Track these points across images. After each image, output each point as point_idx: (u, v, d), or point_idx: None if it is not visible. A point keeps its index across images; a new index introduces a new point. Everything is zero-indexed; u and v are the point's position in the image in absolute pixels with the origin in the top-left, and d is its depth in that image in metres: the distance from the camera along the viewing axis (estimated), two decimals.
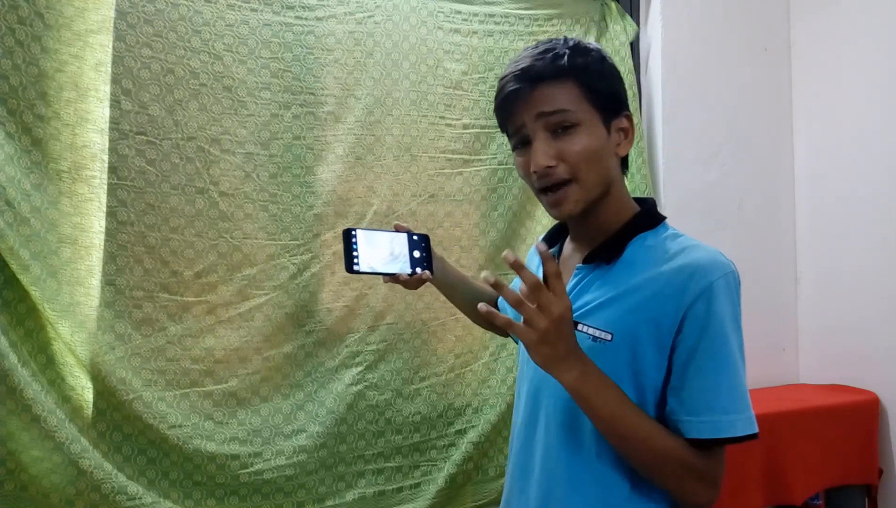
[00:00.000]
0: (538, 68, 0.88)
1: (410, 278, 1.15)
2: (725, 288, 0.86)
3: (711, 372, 0.84)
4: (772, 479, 1.80)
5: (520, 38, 1.89)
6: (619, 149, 0.93)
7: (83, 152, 1.42)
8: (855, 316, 2.10)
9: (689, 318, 0.84)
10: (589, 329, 0.89)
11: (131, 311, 1.46)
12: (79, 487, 1.33)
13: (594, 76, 0.89)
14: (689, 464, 0.84)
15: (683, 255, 0.88)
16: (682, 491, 0.86)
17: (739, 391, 0.86)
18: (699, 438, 0.84)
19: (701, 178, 2.16)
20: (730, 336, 0.86)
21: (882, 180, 2.02)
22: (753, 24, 2.25)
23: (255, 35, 1.59)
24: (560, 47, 0.90)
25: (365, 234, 1.13)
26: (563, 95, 0.88)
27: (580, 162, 0.88)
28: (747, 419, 0.85)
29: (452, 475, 1.72)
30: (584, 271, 0.95)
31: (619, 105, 0.93)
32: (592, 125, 0.89)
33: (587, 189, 0.90)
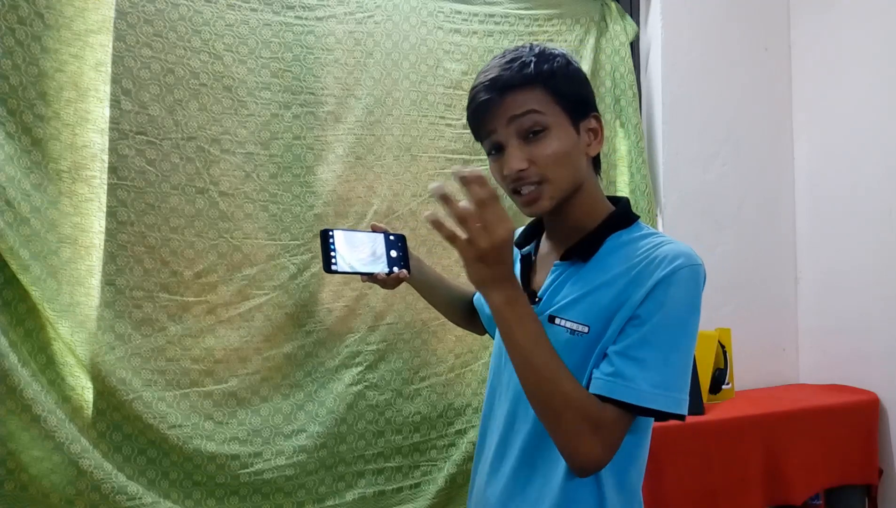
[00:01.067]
0: (506, 77, 0.92)
1: (388, 278, 1.17)
2: (689, 277, 0.88)
3: (651, 346, 0.86)
4: (772, 479, 1.80)
5: (520, 38, 1.89)
6: (590, 149, 0.96)
7: (83, 152, 1.42)
8: (855, 316, 2.10)
9: (649, 297, 0.87)
10: (566, 323, 0.92)
11: (131, 311, 1.46)
12: (79, 487, 1.33)
13: (561, 81, 0.92)
14: (590, 415, 0.84)
15: (654, 248, 0.91)
16: (575, 443, 0.84)
17: (674, 370, 0.86)
18: (609, 396, 0.85)
19: (701, 178, 2.16)
20: (682, 321, 0.87)
21: (882, 180, 2.02)
22: (753, 24, 2.25)
23: (255, 35, 1.59)
24: (526, 55, 0.93)
25: (342, 234, 1.15)
26: (532, 100, 0.91)
27: (550, 164, 0.91)
28: (673, 399, 0.85)
29: (452, 475, 1.72)
30: (561, 267, 0.98)
31: (586, 107, 0.96)
32: (562, 128, 0.92)
33: (559, 188, 0.93)
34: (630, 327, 0.87)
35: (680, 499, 1.67)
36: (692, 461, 1.70)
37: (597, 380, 0.87)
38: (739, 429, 1.79)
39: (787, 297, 2.29)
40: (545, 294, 0.97)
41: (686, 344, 0.88)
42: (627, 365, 0.85)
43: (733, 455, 1.76)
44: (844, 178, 2.14)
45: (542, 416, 0.87)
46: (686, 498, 1.68)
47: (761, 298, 2.24)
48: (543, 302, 0.97)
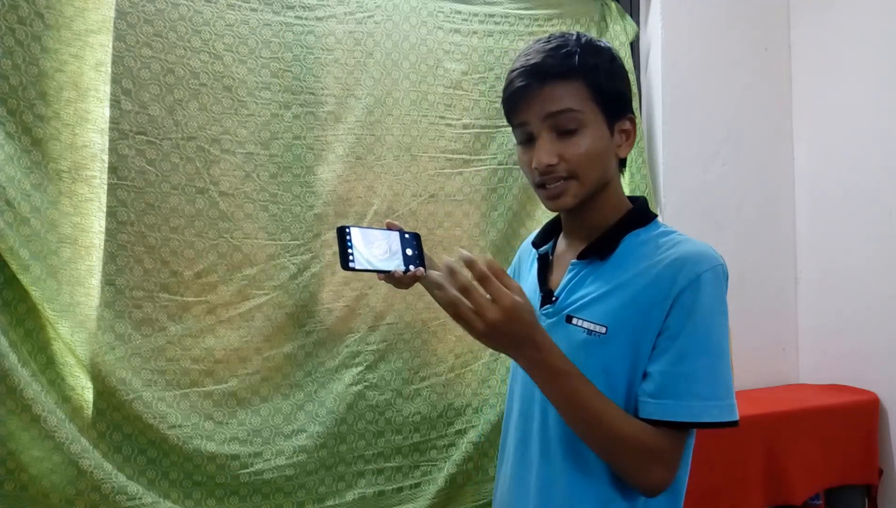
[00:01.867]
0: (548, 66, 0.88)
1: (404, 276, 1.16)
2: (713, 280, 0.86)
3: (690, 358, 0.85)
4: (772, 479, 1.80)
5: (520, 38, 1.89)
6: (620, 150, 0.94)
7: (83, 152, 1.42)
8: (855, 316, 2.10)
9: (676, 306, 0.85)
10: (584, 323, 0.91)
11: (131, 311, 1.46)
12: (79, 487, 1.33)
13: (603, 77, 0.90)
14: (646, 446, 0.84)
15: (674, 249, 0.89)
16: (637, 477, 0.86)
17: (719, 378, 0.85)
18: (661, 419, 0.84)
19: (701, 178, 2.16)
20: (714, 326, 0.86)
21: (882, 180, 2.02)
22: (753, 24, 2.25)
23: (256, 35, 1.59)
24: (572, 45, 0.89)
25: (359, 231, 1.13)
26: (571, 94, 0.88)
27: (582, 162, 0.90)
28: (724, 407, 0.85)
29: (452, 475, 1.72)
30: (579, 266, 0.96)
31: (623, 107, 0.94)
32: (596, 126, 0.90)
33: (586, 186, 0.91)
34: (663, 341, 0.86)
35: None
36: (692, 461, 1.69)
37: (645, 404, 0.86)
38: (739, 429, 1.77)
39: (787, 297, 2.29)
40: (562, 293, 0.96)
41: (722, 348, 0.87)
42: (672, 383, 0.84)
43: (733, 455, 1.76)
44: (844, 178, 2.14)
45: (600, 455, 0.87)
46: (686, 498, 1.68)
47: (761, 298, 2.24)
48: (560, 301, 0.95)
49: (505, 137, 1.86)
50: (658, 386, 0.85)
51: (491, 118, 1.85)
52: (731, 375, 0.88)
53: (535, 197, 1.88)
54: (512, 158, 1.87)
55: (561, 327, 0.94)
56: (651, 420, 0.85)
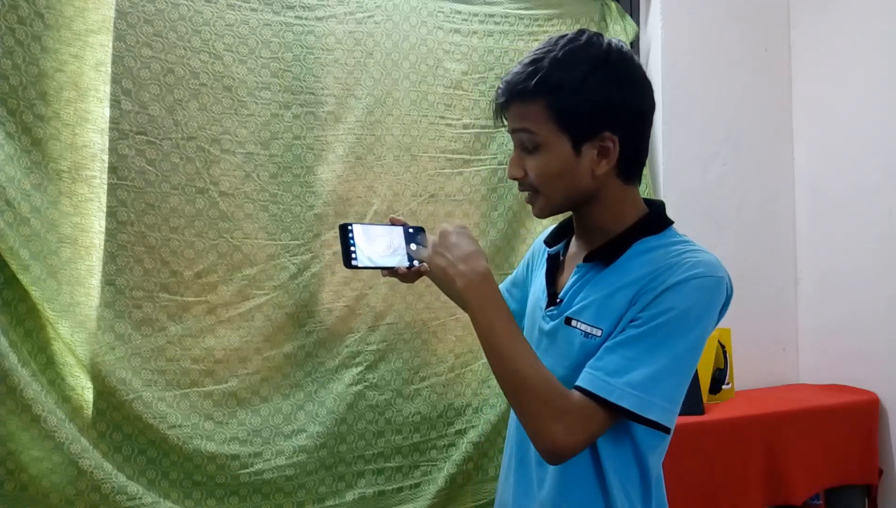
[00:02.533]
0: (513, 84, 0.90)
1: (409, 271, 1.15)
2: (702, 287, 0.84)
3: (642, 346, 0.83)
4: (772, 479, 1.80)
5: (520, 38, 1.89)
6: (598, 168, 0.89)
7: (83, 152, 1.42)
8: (855, 316, 2.10)
9: (655, 302, 0.84)
10: (581, 326, 0.91)
11: (131, 311, 1.46)
12: (79, 487, 1.33)
13: (568, 96, 0.86)
14: (550, 400, 0.83)
15: (678, 256, 0.88)
16: (532, 427, 0.84)
17: (661, 377, 0.83)
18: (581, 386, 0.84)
19: (701, 178, 2.16)
20: (684, 330, 0.84)
21: (882, 180, 2.02)
22: (753, 24, 2.25)
23: (256, 35, 1.59)
24: (546, 59, 0.87)
25: (361, 228, 1.12)
26: (529, 115, 0.89)
27: (540, 181, 0.91)
28: (648, 403, 0.82)
29: (452, 475, 1.72)
30: (583, 269, 0.96)
31: (596, 125, 0.87)
32: (555, 147, 0.88)
33: (550, 201, 0.93)
34: (630, 326, 0.85)
35: (680, 499, 1.67)
36: (692, 461, 1.70)
37: (583, 372, 0.86)
38: (739, 429, 1.79)
39: (787, 297, 2.29)
40: (566, 296, 0.96)
41: (683, 353, 0.84)
42: (611, 361, 0.84)
43: (733, 455, 1.76)
44: (844, 178, 2.14)
45: (507, 398, 0.89)
46: (686, 498, 1.68)
47: (761, 298, 2.24)
48: (563, 304, 0.95)
49: (505, 137, 1.86)
50: (598, 359, 0.85)
51: (491, 118, 1.84)
52: (682, 384, 0.85)
53: None
54: None
55: (561, 328, 0.94)
56: (577, 387, 0.85)
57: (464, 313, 1.39)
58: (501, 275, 1.74)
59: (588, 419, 0.83)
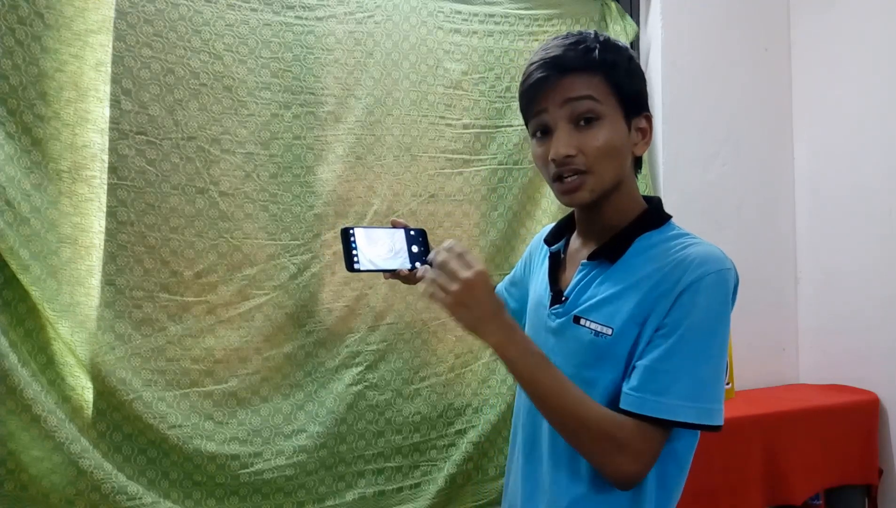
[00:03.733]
0: (569, 58, 0.88)
1: (411, 274, 1.15)
2: (717, 283, 0.86)
3: (678, 356, 0.84)
4: (772, 479, 1.80)
5: (520, 38, 1.89)
6: (636, 148, 0.94)
7: (83, 152, 1.42)
8: (855, 316, 2.10)
9: (675, 306, 0.85)
10: (591, 324, 0.91)
11: (131, 311, 1.46)
12: (79, 487, 1.33)
13: (622, 73, 0.90)
14: (608, 433, 0.83)
15: (683, 251, 0.89)
16: (599, 462, 0.85)
17: (704, 380, 0.84)
18: (635, 412, 0.84)
19: (701, 178, 2.16)
20: (710, 329, 0.85)
21: (882, 180, 2.02)
22: (753, 24, 2.25)
23: (256, 35, 1.59)
24: (591, 41, 0.90)
25: (363, 232, 1.13)
26: (592, 86, 0.89)
27: (599, 156, 0.89)
28: (704, 409, 0.84)
29: (452, 475, 1.72)
30: (589, 267, 0.96)
31: (641, 105, 0.94)
32: (615, 121, 0.90)
33: (601, 181, 0.90)
34: (657, 337, 0.85)
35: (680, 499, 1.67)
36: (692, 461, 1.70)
37: (625, 395, 0.86)
38: (739, 429, 1.79)
39: (787, 297, 2.29)
40: (572, 294, 0.96)
41: (714, 352, 0.86)
42: (652, 379, 0.84)
43: (733, 455, 1.76)
44: (844, 178, 2.14)
45: (567, 440, 0.88)
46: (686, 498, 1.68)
47: (761, 298, 2.24)
48: (569, 302, 0.95)
49: (505, 137, 1.86)
50: (640, 380, 0.85)
51: (491, 118, 1.85)
52: (722, 380, 0.87)
53: (535, 197, 1.88)
54: (512, 157, 1.87)
55: (569, 327, 0.94)
56: (628, 412, 0.85)
57: None
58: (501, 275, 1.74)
59: (651, 442, 0.85)
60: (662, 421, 0.83)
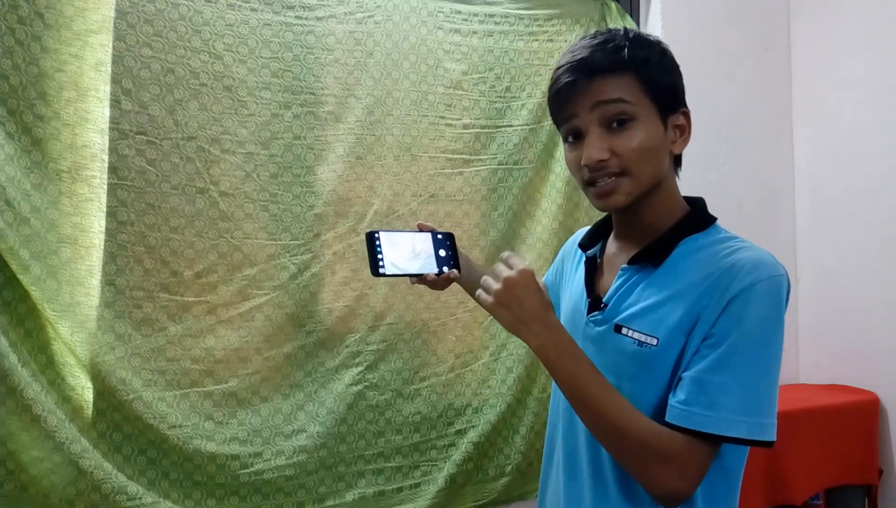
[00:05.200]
0: (597, 60, 0.85)
1: (438, 278, 1.11)
2: (768, 291, 0.81)
3: (729, 368, 0.80)
4: (772, 479, 1.80)
5: (520, 38, 1.89)
6: (675, 146, 0.90)
7: (83, 152, 1.42)
8: (855, 316, 2.10)
9: (724, 314, 0.81)
10: (634, 334, 0.86)
11: (131, 311, 1.46)
12: (79, 487, 1.33)
13: (654, 70, 0.86)
14: (653, 447, 0.80)
15: (733, 256, 0.85)
16: (643, 477, 0.81)
17: (757, 393, 0.80)
18: (683, 426, 0.80)
19: (701, 178, 2.16)
20: (763, 339, 0.81)
21: (882, 180, 2.02)
22: (753, 23, 2.25)
23: (256, 35, 1.59)
24: (619, 39, 0.86)
25: (388, 236, 1.09)
26: (622, 87, 0.85)
27: (634, 158, 0.85)
28: (755, 424, 0.79)
29: (452, 475, 1.72)
30: (629, 272, 0.91)
31: (677, 101, 0.90)
32: (649, 120, 0.86)
33: (639, 183, 0.86)
34: (705, 347, 0.81)
35: None
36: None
37: (672, 408, 0.81)
38: None
39: None
40: (611, 300, 0.91)
41: (769, 363, 0.82)
42: (701, 391, 0.79)
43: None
44: (844, 178, 2.14)
45: (609, 451, 0.85)
46: None
47: None
48: (609, 309, 0.91)
49: (505, 137, 1.86)
50: (688, 392, 0.80)
51: (491, 118, 1.85)
52: (775, 393, 0.82)
53: (535, 197, 1.88)
54: (512, 157, 1.87)
55: (610, 336, 0.89)
56: (675, 426, 0.80)
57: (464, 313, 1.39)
58: None
59: (698, 457, 0.80)
60: (711, 436, 0.79)
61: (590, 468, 0.91)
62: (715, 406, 0.79)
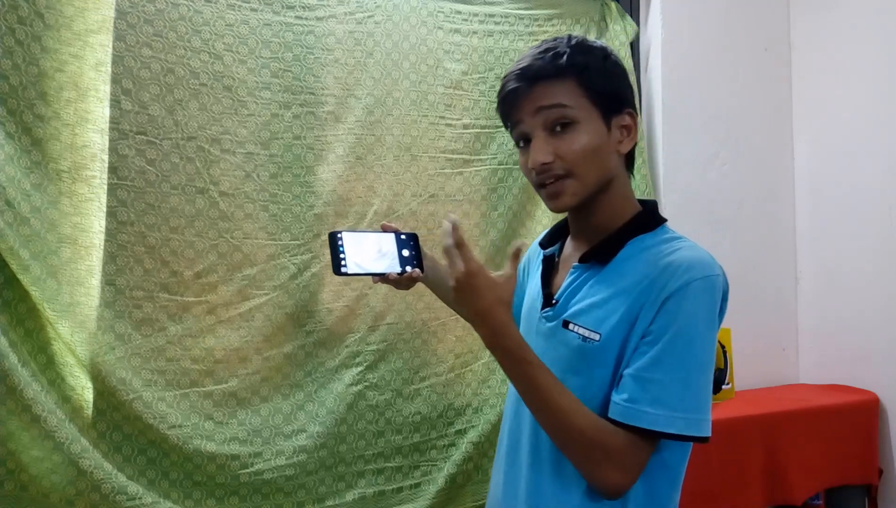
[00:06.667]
0: (537, 67, 0.90)
1: (400, 278, 1.15)
2: (703, 289, 0.85)
3: (665, 365, 0.83)
4: (772, 479, 1.80)
5: (520, 38, 1.89)
6: (621, 146, 0.93)
7: (83, 152, 1.42)
8: (855, 316, 2.10)
9: (661, 312, 0.84)
10: (579, 329, 0.90)
11: (131, 311, 1.46)
12: (79, 487, 1.33)
13: (594, 74, 0.90)
14: (596, 442, 0.83)
15: (672, 256, 0.88)
16: (586, 470, 0.85)
17: (692, 390, 0.84)
18: (623, 422, 0.83)
19: (701, 178, 2.16)
20: (697, 337, 0.84)
21: (882, 180, 2.02)
22: (753, 24, 2.25)
23: (256, 35, 1.59)
24: (561, 46, 0.91)
25: (351, 236, 1.12)
26: (562, 92, 0.89)
27: (577, 159, 0.89)
28: (692, 420, 0.83)
29: (452, 475, 1.72)
30: (580, 270, 0.95)
31: (619, 103, 0.93)
32: (591, 122, 0.90)
33: (584, 184, 0.90)
34: (644, 345, 0.85)
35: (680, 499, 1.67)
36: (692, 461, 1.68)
37: (613, 405, 0.85)
38: (739, 429, 1.79)
39: (787, 296, 2.29)
40: (562, 297, 0.95)
41: (703, 361, 0.85)
42: (641, 389, 0.83)
43: (733, 455, 1.76)
44: (844, 178, 2.14)
45: (557, 445, 0.88)
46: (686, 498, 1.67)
47: (761, 297, 2.24)
48: (559, 305, 0.95)
49: (505, 137, 1.86)
50: (628, 389, 0.84)
51: (491, 118, 1.85)
52: (709, 389, 0.86)
53: (535, 197, 1.88)
54: (512, 157, 1.87)
55: (558, 331, 0.93)
56: (616, 422, 0.84)
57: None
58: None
59: (638, 452, 0.84)
60: (650, 432, 0.82)
61: (529, 454, 0.95)
62: (653, 403, 0.82)
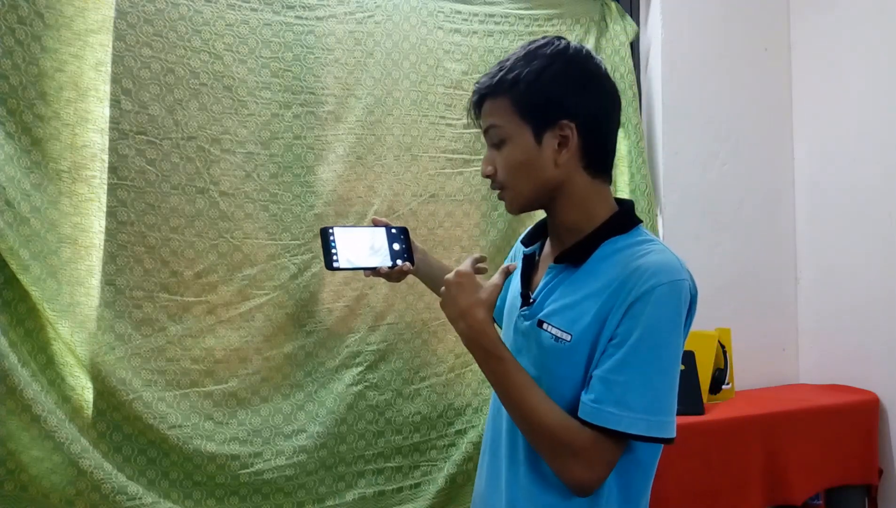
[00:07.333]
0: (482, 85, 0.95)
1: (392, 271, 1.16)
2: (669, 294, 0.86)
3: (630, 368, 0.85)
4: (772, 479, 1.80)
5: (520, 38, 1.89)
6: (558, 158, 0.92)
7: (83, 152, 1.42)
8: (855, 316, 2.10)
9: (627, 315, 0.86)
10: (552, 329, 0.92)
11: (131, 311, 1.46)
12: (79, 487, 1.33)
13: (523, 90, 0.91)
14: (564, 441, 0.86)
15: (640, 260, 0.89)
16: (556, 467, 0.88)
17: (655, 392, 0.85)
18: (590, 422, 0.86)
19: (701, 178, 2.16)
20: (662, 341, 0.86)
21: (882, 180, 2.02)
22: (753, 24, 2.25)
23: (256, 34, 1.59)
24: (511, 61, 0.94)
25: (342, 231, 1.14)
26: (497, 110, 0.93)
27: (506, 174, 0.95)
28: (655, 422, 0.85)
29: (452, 475, 1.72)
30: (556, 270, 0.97)
31: (553, 115, 0.91)
32: (520, 138, 0.92)
33: (518, 195, 0.96)
34: (611, 347, 0.87)
35: (680, 499, 1.67)
36: (692, 461, 1.70)
37: (583, 405, 0.87)
38: (739, 429, 1.79)
39: (787, 297, 2.29)
40: (538, 297, 0.97)
41: (666, 365, 0.87)
42: (606, 390, 0.85)
43: (733, 455, 1.76)
44: (844, 178, 2.14)
45: (529, 442, 0.92)
46: (686, 498, 1.68)
47: (761, 298, 2.24)
48: (536, 304, 0.96)
49: None
50: (596, 390, 0.86)
51: None
52: (674, 392, 0.88)
53: None
54: None
55: (534, 330, 0.95)
56: (584, 421, 0.86)
57: None
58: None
59: (604, 451, 0.86)
60: (615, 432, 0.84)
61: (507, 451, 0.98)
62: (617, 404, 0.84)
